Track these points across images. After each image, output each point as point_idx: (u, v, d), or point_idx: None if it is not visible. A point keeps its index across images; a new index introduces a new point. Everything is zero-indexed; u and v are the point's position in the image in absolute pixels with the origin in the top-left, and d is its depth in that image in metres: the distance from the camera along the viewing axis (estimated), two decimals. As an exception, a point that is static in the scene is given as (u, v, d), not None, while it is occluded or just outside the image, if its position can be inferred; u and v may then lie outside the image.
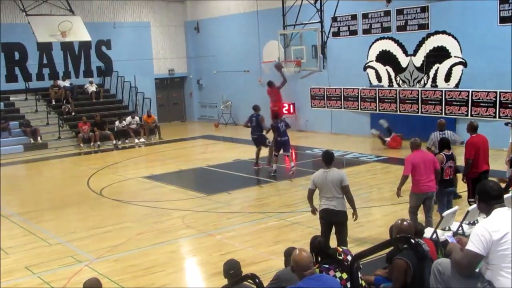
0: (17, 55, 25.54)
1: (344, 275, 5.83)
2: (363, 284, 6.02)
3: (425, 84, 19.30)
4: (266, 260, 9.27)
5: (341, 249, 6.29)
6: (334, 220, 8.52)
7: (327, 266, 6.01)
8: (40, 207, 14.01)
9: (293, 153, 15.29)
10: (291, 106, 24.25)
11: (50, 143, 22.96)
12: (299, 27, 22.35)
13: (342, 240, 8.42)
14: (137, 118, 24.66)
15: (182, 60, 30.32)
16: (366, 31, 21.12)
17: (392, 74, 20.41)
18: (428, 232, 7.86)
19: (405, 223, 6.24)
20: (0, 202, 13.57)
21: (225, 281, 6.20)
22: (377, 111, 20.53)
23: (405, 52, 19.88)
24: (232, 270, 6.03)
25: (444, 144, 10.16)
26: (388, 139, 18.58)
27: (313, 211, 8.89)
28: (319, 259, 6.20)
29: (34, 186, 16.74)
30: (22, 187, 16.67)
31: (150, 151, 22.33)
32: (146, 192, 14.95)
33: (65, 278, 8.93)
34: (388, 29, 20.29)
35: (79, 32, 22.33)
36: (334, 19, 21.69)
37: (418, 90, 19.41)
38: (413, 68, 19.65)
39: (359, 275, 5.99)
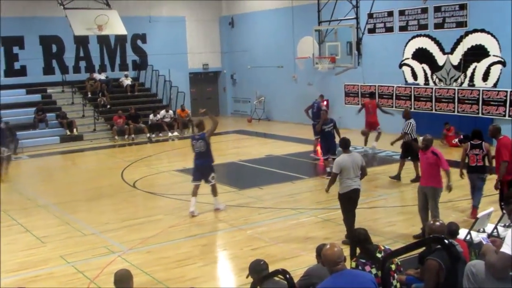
0: (54, 48, 25.96)
1: (380, 273, 5.77)
2: (398, 286, 5.97)
3: (462, 83, 19.02)
4: (297, 256, 9.27)
5: (383, 247, 6.22)
6: (357, 198, 9.71)
7: (364, 261, 5.97)
8: (75, 198, 14.24)
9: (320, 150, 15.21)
10: (325, 102, 24.12)
11: (85, 135, 23.30)
12: (334, 23, 22.25)
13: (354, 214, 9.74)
14: (171, 112, 24.84)
15: (216, 54, 30.42)
16: (402, 28, 20.88)
17: (429, 72, 20.16)
18: (462, 233, 7.76)
19: (437, 223, 6.17)
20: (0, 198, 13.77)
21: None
22: (412, 110, 20.28)
23: (442, 50, 19.61)
24: (262, 261, 6.03)
25: (475, 134, 10.78)
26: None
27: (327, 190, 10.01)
28: (358, 252, 6.16)
29: (70, 177, 17.00)
30: (58, 178, 16.95)
31: (183, 145, 22.42)
32: (179, 185, 15.05)
33: (98, 268, 9.06)
34: (425, 27, 20.03)
35: (115, 26, 22.61)
36: (370, 15, 21.53)
37: (454, 89, 19.14)
38: (450, 67, 19.38)
39: (396, 276, 5.95)
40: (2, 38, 24.63)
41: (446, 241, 4.99)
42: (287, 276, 5.06)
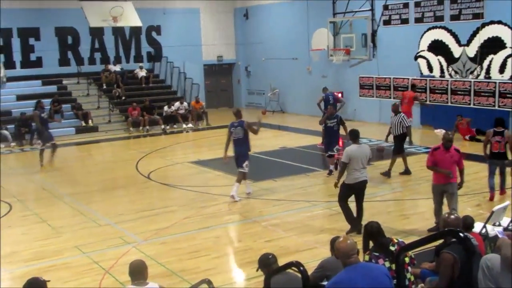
0: (70, 40, 26.07)
1: (394, 266, 5.76)
2: (412, 279, 5.96)
3: (478, 76, 18.85)
4: (311, 248, 9.27)
5: (396, 240, 6.20)
6: (362, 188, 9.82)
7: (377, 254, 5.96)
8: (90, 189, 14.34)
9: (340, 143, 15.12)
10: (339, 94, 24.05)
11: (100, 126, 23.43)
12: (349, 15, 22.16)
13: (361, 206, 9.88)
14: (185, 104, 24.89)
15: (230, 46, 30.38)
16: (418, 20, 20.70)
17: (444, 64, 19.99)
18: (477, 227, 7.71)
19: (452, 216, 6.14)
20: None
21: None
22: (428, 102, 20.17)
23: (458, 42, 19.43)
24: (270, 255, 6.04)
25: (499, 121, 11.33)
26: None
27: (337, 184, 9.93)
28: (371, 246, 6.15)
29: (85, 168, 17.12)
30: (73, 169, 17.07)
31: (198, 137, 22.53)
32: (193, 177, 15.11)
33: (113, 259, 9.14)
34: (441, 18, 19.85)
35: (130, 18, 22.69)
36: (386, 7, 21.39)
37: (470, 82, 18.98)
38: (466, 59, 19.20)
39: (409, 269, 5.93)
40: (18, 29, 24.81)
41: (461, 234, 4.96)
42: (301, 268, 5.06)
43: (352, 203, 9.97)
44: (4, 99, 23.39)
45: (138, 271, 5.54)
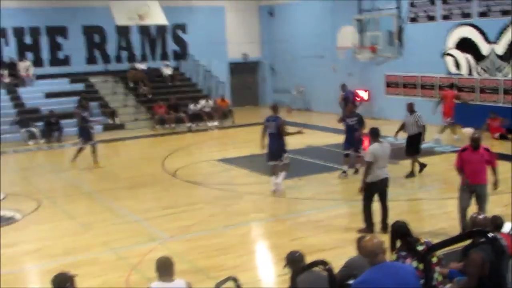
0: (97, 38, 26.34)
1: (421, 266, 5.72)
2: (439, 279, 5.91)
3: (507, 74, 18.58)
4: (336, 247, 9.24)
5: (423, 240, 6.15)
6: (385, 186, 9.75)
7: (404, 253, 5.92)
8: (117, 186, 14.48)
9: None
10: (366, 93, 23.94)
11: (127, 124, 23.63)
12: (375, 12, 22.02)
13: (386, 204, 9.76)
14: (211, 102, 24.97)
15: (256, 45, 30.38)
16: (445, 17, 20.49)
17: (472, 62, 19.75)
18: (507, 227, 7.61)
19: (480, 216, 6.09)
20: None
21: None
22: (455, 101, 19.92)
23: (486, 39, 19.18)
24: (297, 253, 6.04)
25: None
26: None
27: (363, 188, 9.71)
28: (398, 245, 6.11)
29: (112, 165, 17.27)
30: (101, 166, 17.22)
31: (223, 135, 22.60)
32: (219, 174, 15.16)
33: (139, 255, 9.21)
34: (469, 15, 19.62)
35: (156, 16, 22.87)
36: (412, 4, 21.22)
37: (499, 80, 18.72)
38: (494, 57, 18.95)
39: (437, 269, 5.88)
40: (47, 27, 25.16)
41: (490, 234, 4.90)
42: (327, 267, 5.05)
43: (374, 203, 9.90)
44: (33, 97, 23.76)
45: (164, 268, 5.59)
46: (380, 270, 4.73)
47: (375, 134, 9.92)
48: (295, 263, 5.97)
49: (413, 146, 13.82)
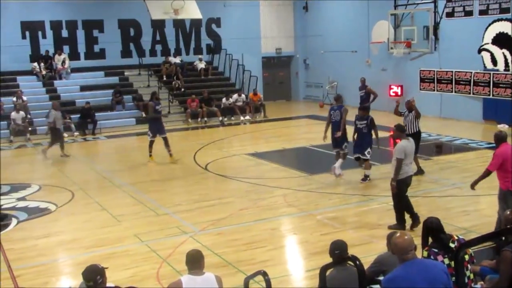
0: (132, 32, 26.62)
1: (453, 263, 5.63)
2: (471, 277, 5.82)
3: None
4: (367, 243, 9.19)
5: (456, 237, 6.05)
6: (410, 183, 9.86)
7: (436, 250, 5.84)
8: (149, 179, 14.64)
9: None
10: (399, 88, 23.69)
11: (160, 117, 23.75)
12: (411, 7, 21.75)
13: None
14: (243, 96, 25.02)
15: (289, 39, 30.31)
16: (482, 12, 20.11)
17: (509, 57, 19.35)
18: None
19: (513, 214, 5.97)
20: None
21: (325, 260, 6.19)
22: (491, 96, 19.61)
23: (524, 34, 18.79)
24: (337, 251, 6.02)
25: None
26: None
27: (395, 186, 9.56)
28: (430, 242, 6.03)
29: (144, 158, 17.43)
30: (133, 159, 17.42)
31: (255, 129, 22.63)
32: (250, 168, 15.19)
33: (170, 248, 9.30)
34: (507, 10, 19.22)
35: (190, 10, 22.96)
36: (449, -1, 20.87)
37: (537, 76, 18.33)
38: (532, 52, 18.55)
39: (469, 267, 5.80)
40: (83, 21, 25.51)
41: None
42: (357, 262, 5.03)
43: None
44: (69, 90, 24.15)
45: (195, 261, 5.61)
46: (410, 267, 4.70)
47: (402, 130, 9.98)
48: (332, 256, 5.98)
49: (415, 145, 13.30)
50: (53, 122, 17.22)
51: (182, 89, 25.53)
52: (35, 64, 24.30)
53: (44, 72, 24.22)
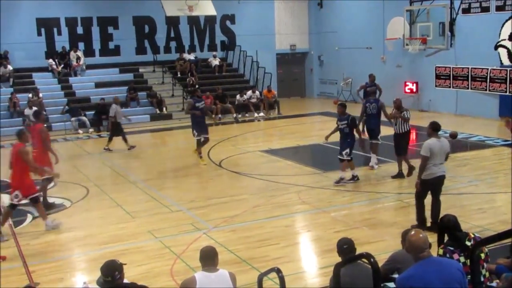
0: (146, 29, 26.69)
1: (469, 262, 5.57)
2: (487, 275, 5.75)
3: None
4: (381, 240, 9.14)
5: (472, 235, 5.98)
6: (439, 184, 9.40)
7: (452, 248, 5.77)
8: (163, 175, 14.68)
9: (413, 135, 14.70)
10: (414, 84, 23.54)
11: (174, 114, 23.85)
12: (427, 3, 21.60)
13: (438, 200, 9.43)
14: (257, 93, 25.00)
15: (304, 36, 30.23)
16: (499, 8, 19.90)
17: (526, 54, 19.16)
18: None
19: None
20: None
21: (339, 258, 6.16)
22: (507, 93, 19.40)
23: (542, 30, 18.57)
24: (346, 245, 6.00)
25: None
26: None
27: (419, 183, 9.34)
28: (446, 239, 5.97)
29: (159, 155, 17.50)
30: (148, 155, 17.47)
31: (269, 126, 22.60)
32: (264, 165, 15.17)
33: (184, 244, 9.30)
34: (524, 6, 19.03)
35: (205, 7, 23.02)
36: (465, -5, 20.69)
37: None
38: (550, 48, 18.34)
39: (485, 265, 5.73)
40: (98, 18, 25.61)
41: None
42: (372, 260, 4.99)
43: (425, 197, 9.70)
44: (84, 86, 24.26)
45: (208, 257, 5.61)
46: (425, 265, 4.66)
47: (434, 129, 9.35)
48: (342, 253, 5.95)
49: (401, 145, 13.00)
50: (114, 116, 17.49)
51: (196, 86, 25.52)
52: (51, 60, 24.45)
53: (59, 69, 24.35)
